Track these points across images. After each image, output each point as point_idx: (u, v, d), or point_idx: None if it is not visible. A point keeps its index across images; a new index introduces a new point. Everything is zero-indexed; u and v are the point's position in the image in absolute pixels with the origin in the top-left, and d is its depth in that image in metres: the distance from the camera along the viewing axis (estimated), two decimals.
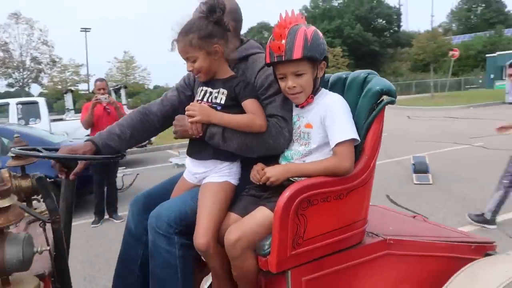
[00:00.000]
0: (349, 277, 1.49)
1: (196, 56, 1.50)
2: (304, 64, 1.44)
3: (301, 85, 1.46)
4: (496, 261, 1.67)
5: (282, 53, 1.41)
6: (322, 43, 1.48)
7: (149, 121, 1.77)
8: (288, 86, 1.46)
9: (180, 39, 1.50)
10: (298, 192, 1.32)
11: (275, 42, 1.42)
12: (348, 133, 1.44)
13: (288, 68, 1.44)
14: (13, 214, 0.96)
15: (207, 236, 1.44)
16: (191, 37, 1.47)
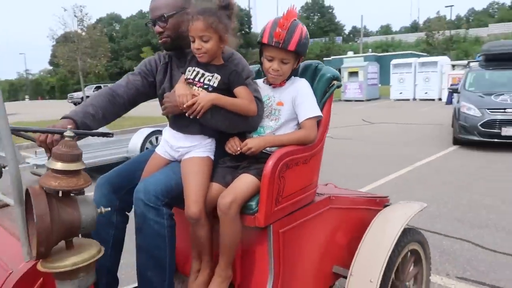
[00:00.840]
0: (308, 228, 1.79)
1: (210, 37, 1.59)
2: (292, 56, 1.69)
3: (283, 71, 1.71)
4: (396, 208, 2.15)
5: (281, 41, 1.62)
6: (308, 43, 1.73)
7: (116, 103, 1.83)
8: (273, 68, 1.69)
9: (201, 18, 1.57)
10: (280, 158, 1.57)
11: (278, 29, 1.62)
12: (315, 111, 1.72)
13: (279, 54, 1.66)
14: (84, 178, 1.04)
15: (199, 205, 1.56)
16: (213, 19, 1.56)
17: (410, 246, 2.07)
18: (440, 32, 37.52)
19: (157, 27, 1.81)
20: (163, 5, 1.79)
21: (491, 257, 3.17)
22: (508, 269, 2.97)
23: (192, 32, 1.59)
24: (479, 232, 3.67)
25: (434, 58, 22.33)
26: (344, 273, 1.91)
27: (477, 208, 4.31)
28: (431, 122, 11.84)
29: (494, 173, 5.84)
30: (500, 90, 8.00)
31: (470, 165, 6.38)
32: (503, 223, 3.89)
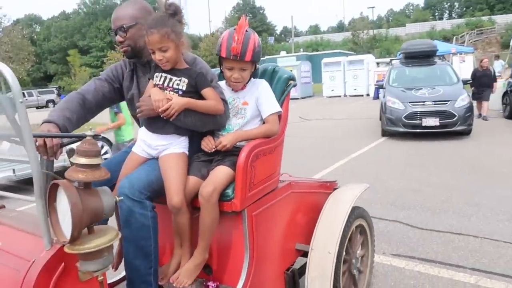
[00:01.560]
0: (274, 210, 2.01)
1: (168, 47, 1.71)
2: (249, 64, 1.88)
3: (243, 77, 1.91)
4: (344, 190, 2.46)
5: (238, 55, 1.81)
6: (261, 49, 1.92)
7: (86, 107, 1.91)
8: (234, 77, 1.88)
9: (155, 31, 1.67)
10: (251, 149, 1.79)
11: (234, 44, 1.80)
12: (276, 107, 1.96)
13: (238, 64, 1.85)
14: (104, 171, 1.20)
15: (180, 195, 1.72)
16: (166, 30, 1.67)
17: (357, 222, 2.40)
18: (364, 32, 39.89)
19: (118, 37, 1.92)
20: (123, 16, 1.91)
21: (419, 234, 3.58)
22: (433, 243, 3.38)
23: (151, 45, 1.71)
24: (408, 213, 4.09)
25: (360, 56, 23.78)
26: (306, 249, 2.17)
27: (406, 192, 4.78)
28: (361, 116, 12.65)
29: (419, 160, 6.46)
30: (419, 85, 8.82)
31: (398, 154, 6.98)
32: (428, 204, 4.37)
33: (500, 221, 3.77)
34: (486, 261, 3.02)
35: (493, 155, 6.52)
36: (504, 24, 52.04)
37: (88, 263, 1.16)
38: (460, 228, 3.65)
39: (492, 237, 3.43)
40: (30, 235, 1.28)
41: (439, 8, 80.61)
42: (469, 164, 5.99)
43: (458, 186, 4.93)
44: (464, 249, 3.25)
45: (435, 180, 5.25)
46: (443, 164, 6.09)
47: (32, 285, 1.12)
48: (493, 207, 4.14)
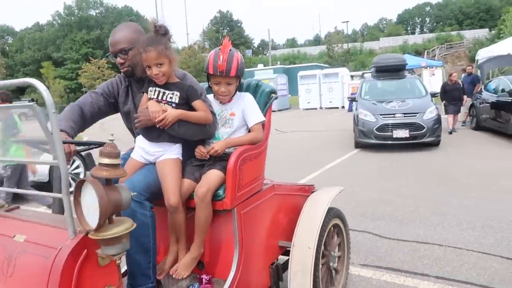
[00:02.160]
0: (259, 210, 2.22)
1: (163, 62, 1.91)
2: (234, 79, 2.12)
3: (229, 91, 2.13)
4: (321, 193, 2.69)
5: (224, 71, 2.04)
6: (244, 66, 2.14)
7: (84, 119, 2.13)
8: (221, 91, 2.12)
9: (152, 49, 1.87)
10: (239, 154, 2.02)
11: (219, 62, 2.03)
12: (261, 117, 2.21)
13: (224, 79, 2.09)
14: (122, 170, 1.39)
15: (176, 196, 1.91)
16: (161, 48, 1.88)
17: (333, 221, 2.61)
18: (339, 46, 40.77)
19: (119, 59, 2.14)
20: (123, 40, 2.12)
21: (387, 244, 3.67)
22: (400, 252, 3.48)
23: (148, 61, 1.90)
24: (378, 224, 4.20)
25: (335, 69, 24.27)
26: (288, 245, 2.38)
27: (377, 203, 4.90)
28: (336, 128, 12.89)
29: (390, 171, 6.63)
30: (390, 97, 9.09)
31: (370, 165, 7.15)
32: (396, 214, 4.49)
33: (464, 230, 3.91)
34: (449, 269, 3.13)
35: (460, 166, 6.76)
36: (471, 39, 54.24)
37: (109, 248, 1.34)
38: (426, 237, 3.77)
39: (456, 245, 3.55)
40: (52, 227, 1.46)
41: (411, 23, 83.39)
42: (437, 175, 6.19)
43: (426, 197, 5.09)
44: (429, 257, 3.35)
45: (405, 191, 5.40)
46: (413, 175, 6.27)
47: (60, 268, 1.28)
48: (458, 216, 4.30)
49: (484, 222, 4.09)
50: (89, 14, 61.51)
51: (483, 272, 3.05)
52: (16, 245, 1.42)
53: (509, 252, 3.36)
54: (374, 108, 8.66)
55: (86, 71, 45.61)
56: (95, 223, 1.29)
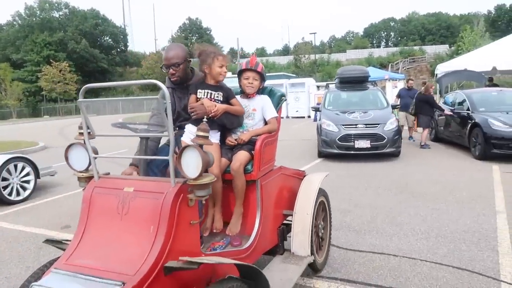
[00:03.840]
0: (272, 184, 2.86)
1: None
2: (259, 76, 2.85)
3: (255, 84, 2.85)
4: (313, 175, 3.33)
5: (253, 65, 2.82)
6: (265, 73, 2.91)
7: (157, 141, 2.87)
8: (249, 82, 2.83)
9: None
10: (263, 139, 2.70)
11: (251, 61, 2.84)
12: (275, 113, 2.90)
13: (252, 74, 2.83)
14: (209, 140, 1.99)
15: (218, 169, 2.54)
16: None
17: (321, 198, 3.29)
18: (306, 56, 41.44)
19: (171, 70, 2.78)
20: (176, 57, 2.76)
21: (343, 255, 3.64)
22: (356, 263, 3.45)
23: (224, 62, 2.65)
24: (336, 234, 4.17)
25: (302, 79, 24.60)
26: (289, 213, 3.07)
27: (335, 213, 4.87)
28: (301, 138, 12.97)
29: (350, 181, 6.68)
30: (352, 108, 9.23)
31: (331, 175, 7.15)
32: (353, 224, 4.49)
33: (419, 240, 3.95)
34: (402, 280, 3.12)
35: (418, 176, 6.90)
36: (433, 54, 56.63)
37: (202, 191, 1.91)
38: (382, 248, 3.77)
39: (410, 256, 3.57)
40: (153, 181, 1.99)
41: (377, 37, 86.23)
42: (396, 185, 6.29)
43: (384, 207, 5.13)
44: (384, 268, 3.34)
45: (364, 201, 5.44)
46: (373, 185, 6.34)
47: (169, 204, 1.81)
48: (414, 226, 4.35)
49: (438, 232, 4.15)
50: (52, 15, 59.47)
51: (435, 282, 3.06)
52: (127, 194, 1.93)
53: (460, 262, 3.41)
54: (337, 119, 8.75)
55: (47, 74, 44.01)
56: (195, 174, 1.84)
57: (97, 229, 1.93)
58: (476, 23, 37.64)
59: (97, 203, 2.00)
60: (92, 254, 1.84)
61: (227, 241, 2.57)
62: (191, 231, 1.96)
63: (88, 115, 2.11)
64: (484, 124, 8.10)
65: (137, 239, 1.82)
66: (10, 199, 6.09)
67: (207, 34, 73.24)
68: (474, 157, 8.39)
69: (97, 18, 62.59)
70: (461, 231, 4.14)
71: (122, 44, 68.07)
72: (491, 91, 10.28)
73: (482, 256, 3.51)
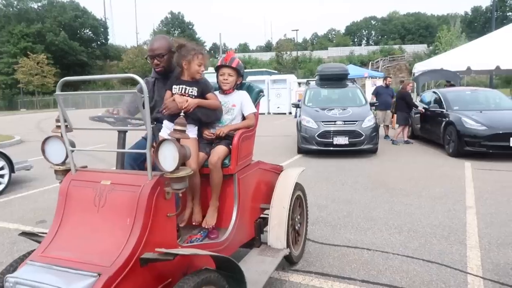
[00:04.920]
0: (249, 178, 2.91)
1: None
2: (234, 72, 2.90)
3: (230, 80, 2.89)
4: (290, 170, 3.40)
5: (227, 62, 2.87)
6: (243, 69, 2.98)
7: None
8: (224, 78, 2.89)
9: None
10: (241, 134, 2.75)
11: (226, 57, 2.90)
12: (254, 109, 2.97)
13: (227, 70, 2.89)
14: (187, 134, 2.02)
15: (195, 164, 2.54)
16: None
17: (297, 193, 3.36)
18: (288, 53, 41.58)
19: (156, 61, 2.89)
20: (161, 48, 2.87)
21: (318, 249, 3.73)
22: (330, 257, 3.54)
23: (204, 61, 2.64)
24: (312, 229, 4.26)
25: (283, 76, 24.70)
26: (266, 207, 3.14)
27: (312, 208, 4.97)
28: (281, 134, 13.07)
29: (328, 176, 6.79)
30: (332, 105, 9.37)
31: (310, 171, 7.28)
32: (329, 219, 4.59)
33: (392, 234, 4.07)
34: (375, 273, 3.23)
35: (394, 172, 7.08)
36: (412, 53, 57.60)
37: (178, 184, 1.94)
38: (356, 242, 3.88)
39: (383, 250, 3.68)
40: (130, 174, 2.03)
41: (358, 35, 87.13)
42: (372, 181, 6.44)
43: (360, 202, 5.26)
44: (357, 262, 3.44)
45: (340, 196, 5.55)
46: (350, 181, 6.47)
47: (146, 197, 1.85)
48: (387, 221, 4.48)
49: (410, 226, 4.29)
50: (30, 6, 57.85)
51: (405, 275, 3.17)
52: (104, 187, 1.95)
53: (430, 255, 3.54)
54: (317, 115, 8.86)
55: (24, 66, 42.84)
56: (172, 167, 1.88)
57: (74, 222, 1.94)
58: (453, 23, 38.47)
59: (73, 196, 2.02)
60: (68, 246, 1.86)
61: (204, 234, 2.64)
62: (167, 224, 1.99)
63: (67, 109, 2.10)
64: (458, 123, 8.35)
65: (114, 231, 1.84)
66: None
67: (190, 28, 72.64)
68: (448, 154, 8.64)
69: (77, 10, 61.14)
70: (433, 226, 4.29)
71: (102, 37, 66.75)
72: (465, 90, 10.59)
73: (451, 250, 3.65)
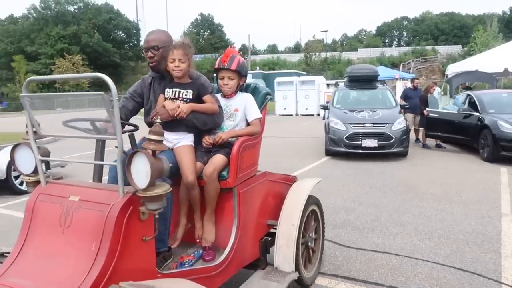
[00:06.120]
0: (253, 192, 2.61)
1: (186, 59, 2.38)
2: (235, 74, 2.58)
3: (230, 84, 2.60)
4: (302, 182, 3.06)
5: (226, 65, 2.53)
6: (246, 68, 2.65)
7: None
8: (224, 83, 2.59)
9: (181, 47, 2.36)
10: (242, 143, 2.45)
11: (223, 58, 2.56)
12: (259, 114, 2.67)
13: (226, 73, 2.57)
14: (164, 145, 1.80)
15: (193, 175, 2.32)
16: (187, 50, 2.38)
17: (311, 207, 3.03)
18: (316, 54, 41.27)
19: (150, 53, 2.56)
20: (157, 40, 2.57)
21: (345, 253, 3.67)
22: (357, 261, 3.48)
23: (174, 55, 2.34)
24: (338, 232, 4.20)
25: (312, 77, 24.52)
26: (275, 224, 2.79)
27: (339, 211, 4.92)
28: (309, 135, 12.97)
29: (356, 179, 6.68)
30: (361, 107, 9.21)
31: (338, 173, 7.20)
32: (357, 222, 4.51)
33: (421, 240, 3.96)
34: (403, 279, 3.14)
35: (425, 177, 6.88)
36: (445, 54, 55.90)
37: (153, 204, 1.68)
38: (384, 247, 3.79)
39: (412, 255, 3.59)
40: (101, 190, 1.78)
41: (389, 36, 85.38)
42: (401, 185, 6.29)
43: (388, 206, 5.14)
44: (385, 267, 3.37)
45: (368, 200, 5.45)
46: (378, 184, 6.34)
47: (114, 219, 1.60)
48: (417, 226, 4.35)
49: (441, 232, 4.16)
50: (66, 9, 60.01)
51: (435, 282, 3.08)
52: (72, 203, 1.73)
53: (461, 263, 3.42)
54: (345, 117, 8.74)
55: (60, 67, 44.51)
56: (144, 184, 1.62)
57: (37, 243, 1.74)
58: (489, 23, 37.05)
59: (40, 212, 1.81)
60: (28, 272, 1.67)
61: (198, 255, 2.37)
62: (143, 249, 1.74)
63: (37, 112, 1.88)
64: (494, 126, 8.02)
65: (78, 258, 1.62)
66: (21, 189, 6.24)
67: (219, 30, 73.29)
68: (482, 159, 8.32)
69: (111, 12, 62.97)
70: (465, 233, 4.14)
71: (134, 38, 68.38)
72: (502, 92, 10.16)
73: (485, 258, 3.51)
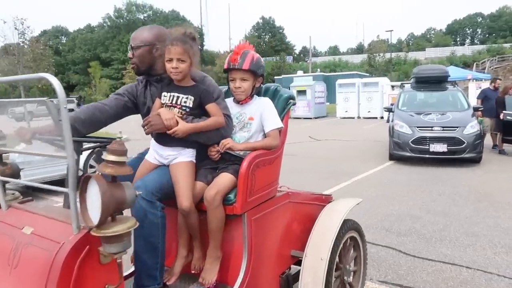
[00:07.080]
0: (272, 217, 2.15)
1: (185, 59, 1.92)
2: (249, 74, 2.09)
3: (244, 87, 2.10)
4: (337, 203, 2.59)
5: (236, 64, 2.05)
6: (262, 66, 2.13)
7: (104, 112, 2.18)
8: (236, 86, 2.10)
9: (179, 44, 1.90)
10: (253, 159, 1.96)
11: (233, 56, 2.07)
12: (279, 123, 2.14)
13: (238, 74, 2.08)
14: (128, 168, 1.36)
15: (189, 200, 1.89)
16: (187, 46, 1.92)
17: (349, 234, 2.51)
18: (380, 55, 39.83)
19: (129, 53, 2.18)
20: (136, 38, 2.15)
21: (410, 262, 3.49)
22: (424, 272, 3.29)
23: (171, 54, 1.90)
24: (403, 240, 4.00)
25: (375, 79, 23.71)
26: (300, 255, 2.29)
27: (404, 218, 4.69)
28: (372, 139, 12.54)
29: (423, 186, 6.34)
30: (428, 109, 8.72)
31: (402, 179, 6.88)
32: (423, 231, 4.27)
33: (497, 254, 3.65)
34: None
35: (501, 185, 6.35)
36: None
37: (111, 246, 1.32)
38: (454, 258, 3.55)
39: (486, 270, 3.32)
40: (58, 222, 1.44)
41: (461, 34, 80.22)
42: (474, 193, 5.85)
43: (459, 215, 4.81)
44: (454, 280, 3.15)
45: (436, 207, 5.14)
46: (447, 191, 5.96)
47: (61, 264, 1.27)
48: (492, 238, 4.02)
49: None
50: (137, 17, 63.81)
51: None
52: (23, 237, 1.44)
53: None
54: (411, 120, 8.33)
55: (130, 71, 47.36)
56: (95, 219, 1.28)
57: None
58: None
59: None
60: None
61: None
62: None
63: None
64: None
65: None
66: None
67: (280, 32, 73.60)
68: None
69: (177, 19, 65.84)
70: None
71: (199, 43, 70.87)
72: None
73: None
